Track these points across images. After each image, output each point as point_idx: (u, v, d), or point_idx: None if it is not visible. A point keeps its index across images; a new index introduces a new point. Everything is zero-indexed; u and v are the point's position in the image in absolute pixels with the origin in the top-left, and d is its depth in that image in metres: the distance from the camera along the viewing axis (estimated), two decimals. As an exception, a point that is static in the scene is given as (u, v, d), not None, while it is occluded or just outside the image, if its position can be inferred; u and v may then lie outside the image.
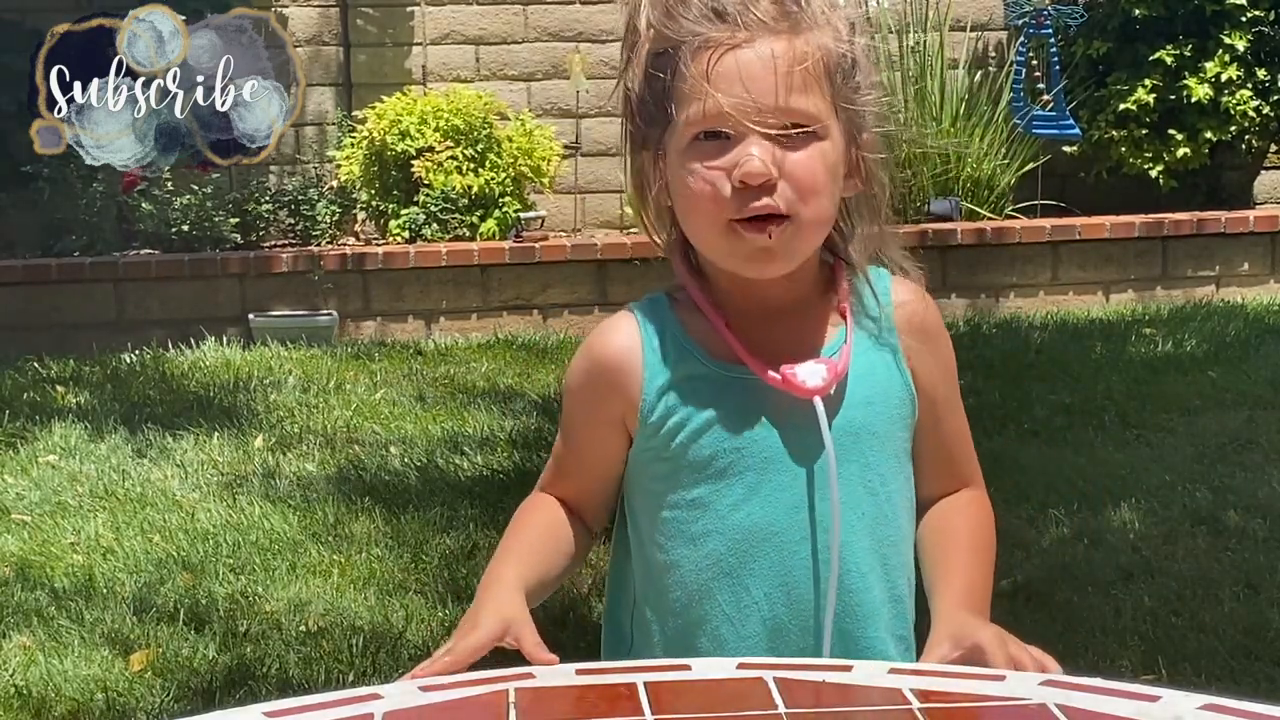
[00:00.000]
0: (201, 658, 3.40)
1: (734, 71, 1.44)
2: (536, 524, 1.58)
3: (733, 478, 1.51)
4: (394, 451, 4.87)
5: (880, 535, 1.54)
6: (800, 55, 1.45)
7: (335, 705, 1.26)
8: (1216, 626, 3.42)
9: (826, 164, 1.47)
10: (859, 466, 1.52)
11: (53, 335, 6.38)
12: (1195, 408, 5.13)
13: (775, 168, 1.44)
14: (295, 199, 7.02)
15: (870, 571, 1.53)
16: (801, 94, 1.45)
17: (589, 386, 1.57)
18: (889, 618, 1.55)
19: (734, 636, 1.53)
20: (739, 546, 1.52)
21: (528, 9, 7.65)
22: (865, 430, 1.52)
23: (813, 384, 1.49)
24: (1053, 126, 7.28)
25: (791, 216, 1.45)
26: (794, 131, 1.45)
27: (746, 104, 1.43)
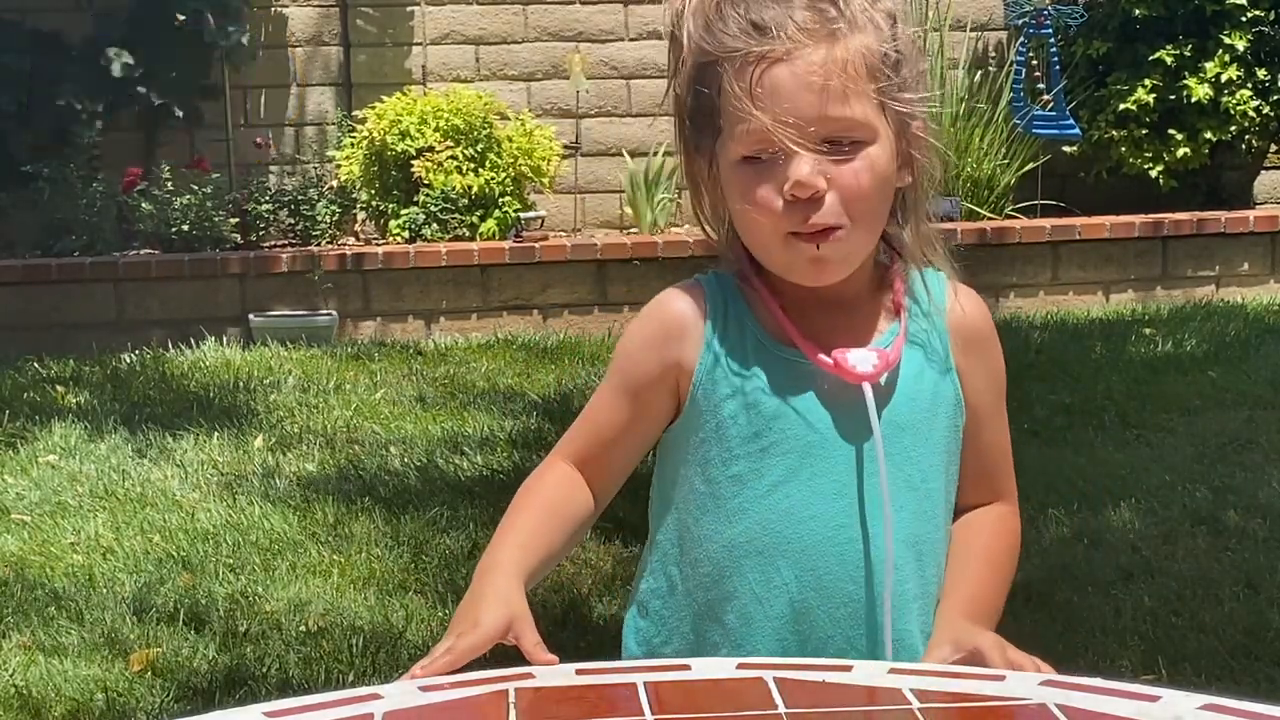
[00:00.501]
0: (201, 658, 3.40)
1: (775, 87, 1.44)
2: (542, 502, 1.56)
3: (774, 457, 1.52)
4: (394, 451, 4.87)
5: (918, 531, 1.54)
6: (841, 63, 1.44)
7: (335, 705, 1.26)
8: (1216, 626, 3.42)
9: (876, 169, 1.47)
10: (901, 460, 1.53)
11: (53, 335, 6.38)
12: (1195, 408, 5.13)
13: (824, 179, 1.45)
14: (295, 199, 7.02)
15: (905, 564, 1.53)
16: (843, 103, 1.45)
17: (650, 343, 1.56)
18: (919, 613, 1.55)
19: (761, 615, 1.53)
20: (774, 526, 1.52)
21: (528, 9, 7.65)
22: (910, 425, 1.53)
23: (863, 369, 1.50)
24: (1053, 126, 7.28)
25: (842, 227, 1.47)
26: (840, 143, 1.45)
27: (789, 122, 1.43)
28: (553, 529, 1.55)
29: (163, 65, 7.04)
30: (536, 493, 1.57)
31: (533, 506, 1.56)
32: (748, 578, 1.53)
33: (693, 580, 1.57)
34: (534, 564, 1.51)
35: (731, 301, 1.55)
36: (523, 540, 1.52)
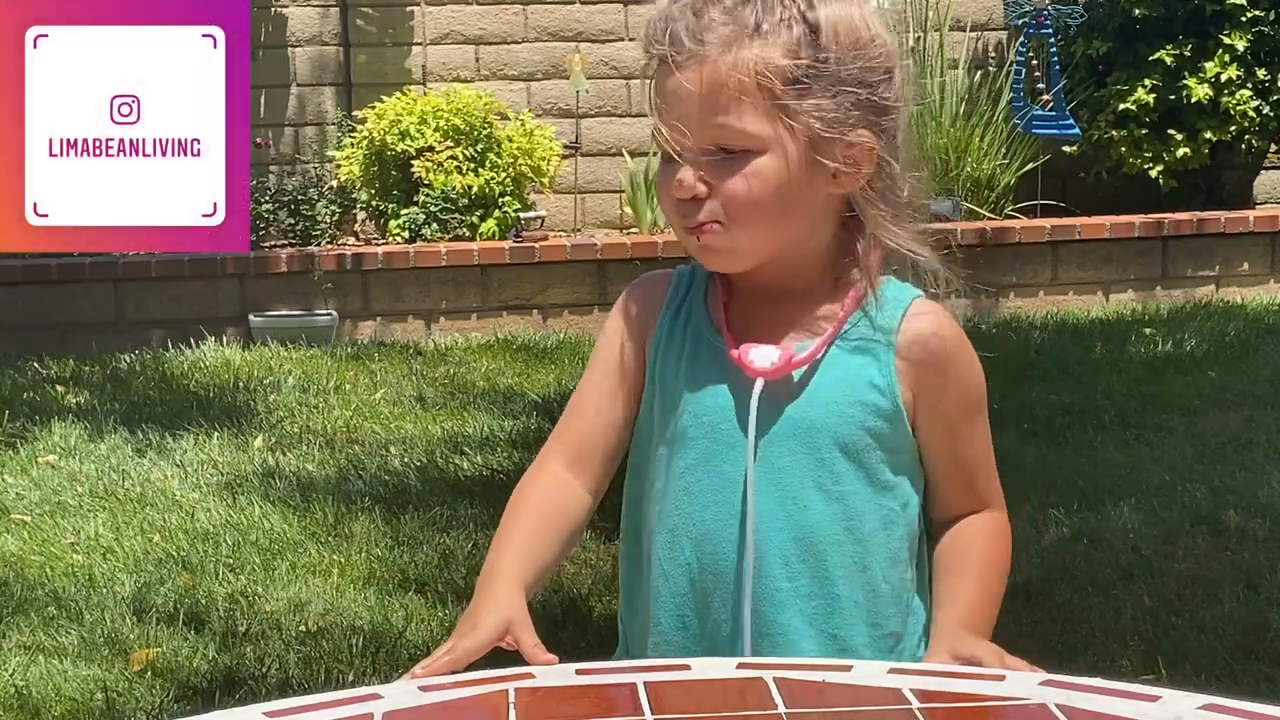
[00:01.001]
0: (201, 658, 3.40)
1: (667, 95, 1.50)
2: (537, 509, 1.58)
3: (690, 441, 1.56)
4: (394, 451, 4.87)
5: (823, 532, 1.55)
6: (724, 75, 1.47)
7: (335, 705, 1.26)
8: (1216, 626, 3.42)
9: (764, 178, 1.49)
10: (810, 461, 1.54)
11: (53, 335, 6.38)
12: (1195, 408, 5.13)
13: (703, 185, 1.50)
14: (295, 199, 7.02)
15: (798, 562, 1.55)
16: (725, 113, 1.48)
17: (624, 318, 1.62)
18: (814, 612, 1.56)
19: (666, 590, 1.58)
20: (683, 508, 1.57)
21: (528, 9, 7.65)
22: (824, 428, 1.54)
23: (759, 365, 1.53)
24: (1053, 126, 7.28)
25: (719, 222, 1.51)
26: (725, 151, 1.49)
27: (673, 127, 1.49)
28: (549, 538, 1.57)
29: (163, 65, 7.04)
30: (532, 500, 1.59)
31: (529, 515, 1.58)
32: (659, 554, 1.58)
33: (641, 560, 1.62)
34: (533, 573, 1.54)
35: (694, 290, 1.60)
36: (522, 549, 1.55)
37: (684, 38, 1.48)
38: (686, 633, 1.58)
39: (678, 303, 1.60)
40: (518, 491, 1.60)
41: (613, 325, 1.64)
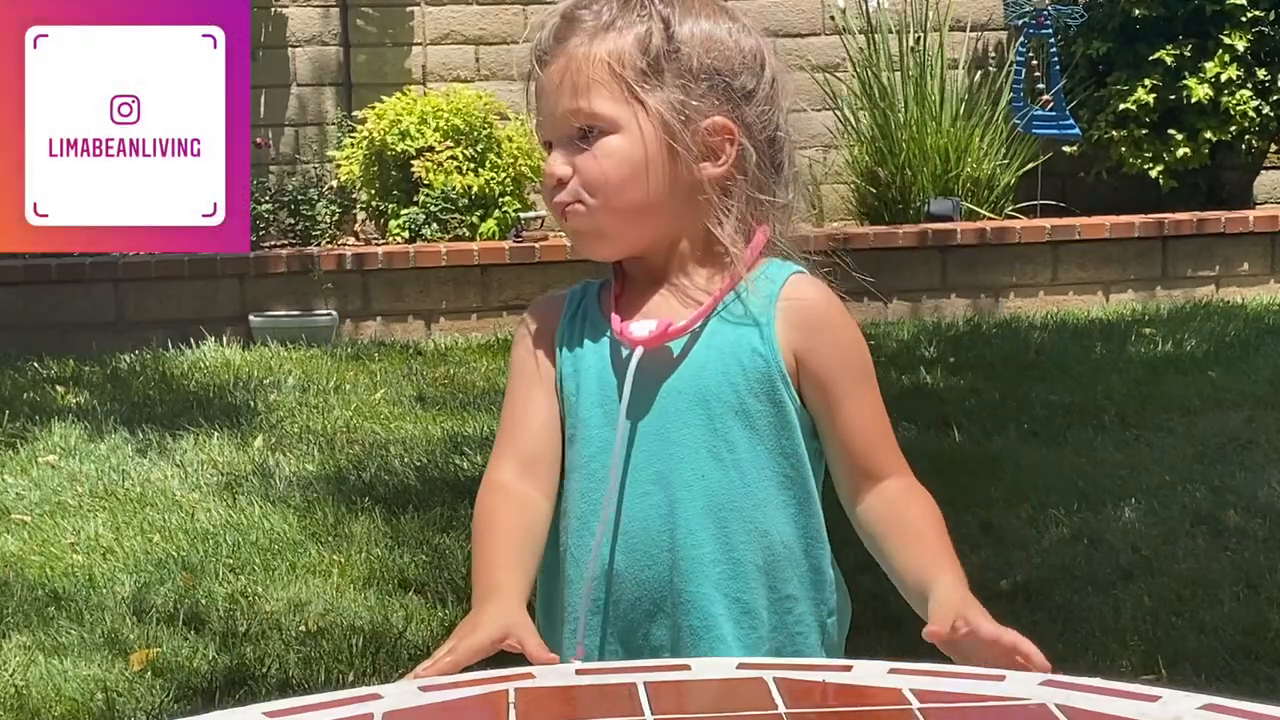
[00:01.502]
0: (201, 658, 3.40)
1: (537, 92, 1.64)
2: (512, 526, 1.61)
3: (592, 429, 1.62)
4: (394, 451, 4.87)
5: (722, 499, 1.60)
6: (576, 64, 1.59)
7: (335, 705, 1.26)
8: (1216, 626, 3.42)
9: (616, 156, 1.59)
10: (703, 431, 1.60)
11: (53, 335, 6.38)
12: (1195, 408, 5.13)
13: (567, 168, 1.61)
14: (295, 199, 7.02)
15: (701, 530, 1.59)
16: (575, 98, 1.59)
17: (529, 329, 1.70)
18: (720, 577, 1.60)
19: (578, 577, 1.62)
20: (589, 494, 1.62)
21: (528, 9, 7.65)
22: (713, 398, 1.60)
23: (637, 335, 1.60)
24: (1053, 126, 7.28)
25: (580, 202, 1.61)
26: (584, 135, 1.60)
27: (540, 120, 1.64)
28: (528, 552, 1.61)
29: (163, 65, 7.04)
30: (503, 518, 1.62)
31: (508, 533, 1.61)
32: (570, 542, 1.63)
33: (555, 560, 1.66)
34: (526, 587, 1.58)
35: (588, 297, 1.70)
36: (513, 565, 1.58)
37: (550, 39, 1.61)
38: (600, 615, 1.62)
39: (574, 310, 1.69)
40: (483, 510, 1.62)
41: (521, 341, 1.70)
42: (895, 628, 3.34)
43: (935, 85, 7.31)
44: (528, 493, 1.62)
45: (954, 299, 6.90)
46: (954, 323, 6.64)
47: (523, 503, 1.62)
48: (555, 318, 1.69)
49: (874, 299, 6.68)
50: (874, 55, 7.37)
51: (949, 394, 5.40)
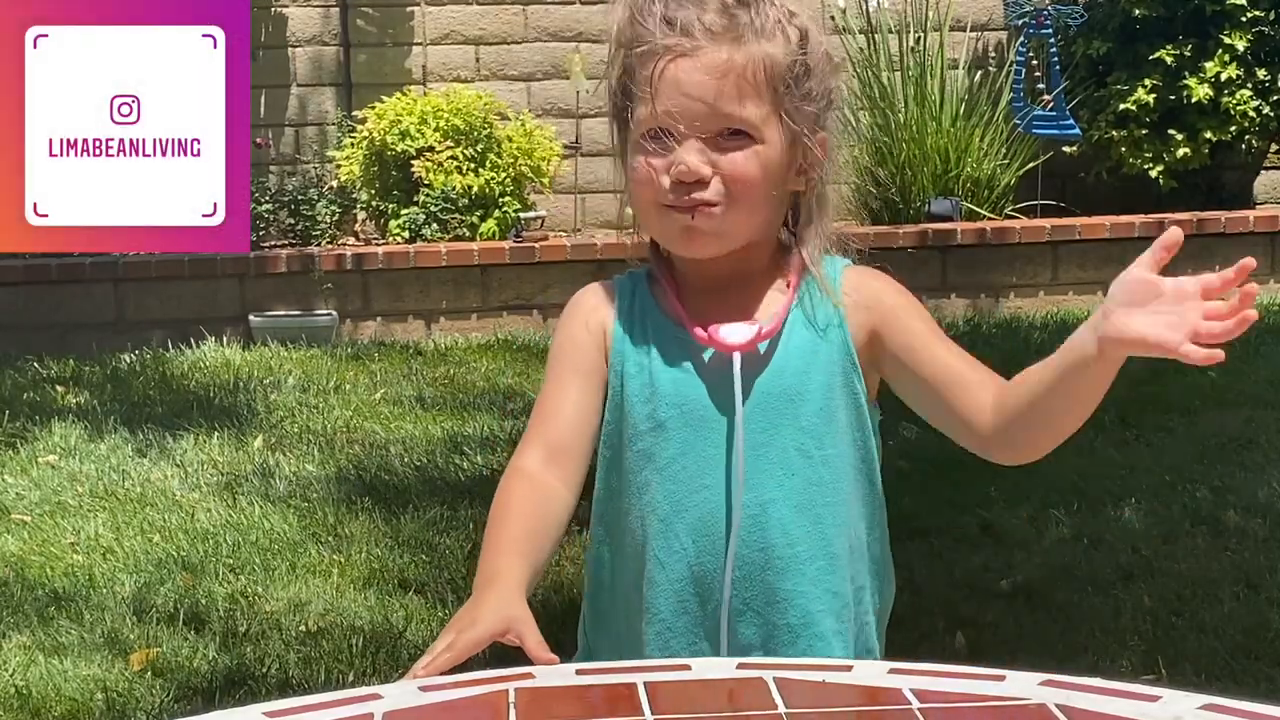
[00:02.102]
0: (201, 658, 3.40)
1: (675, 79, 1.57)
2: (524, 512, 1.60)
3: (671, 431, 1.62)
4: (394, 451, 4.87)
5: (812, 495, 1.62)
6: (738, 66, 1.57)
7: (335, 705, 1.26)
8: (1216, 626, 3.42)
9: (761, 165, 1.59)
10: (791, 430, 1.62)
11: (53, 335, 6.38)
12: (1195, 408, 5.13)
13: (708, 167, 1.58)
14: (295, 199, 7.02)
15: (795, 528, 1.62)
16: (736, 102, 1.57)
17: (578, 322, 1.68)
18: (819, 573, 1.62)
19: (663, 579, 1.62)
20: (673, 496, 1.62)
21: (528, 9, 7.65)
22: (799, 395, 1.62)
23: (733, 340, 1.61)
24: (1053, 126, 7.28)
25: (719, 204, 1.58)
26: (730, 136, 1.58)
27: (684, 111, 1.57)
28: (539, 540, 1.59)
29: (163, 65, 7.04)
30: (517, 503, 1.61)
31: (518, 518, 1.59)
32: (653, 544, 1.63)
33: (619, 557, 1.67)
34: (529, 574, 1.55)
35: (639, 291, 1.68)
36: (516, 551, 1.56)
37: (695, 29, 1.56)
38: (688, 617, 1.62)
39: (628, 304, 1.67)
40: (501, 495, 1.61)
41: (569, 328, 1.69)
42: (895, 627, 3.34)
43: (935, 85, 7.31)
44: (549, 482, 1.61)
45: (954, 299, 6.90)
46: (954, 323, 6.64)
47: (542, 491, 1.61)
48: (606, 311, 1.67)
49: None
50: (874, 55, 7.37)
51: (949, 394, 5.40)
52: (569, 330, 1.68)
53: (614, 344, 1.65)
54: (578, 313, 1.69)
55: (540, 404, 1.67)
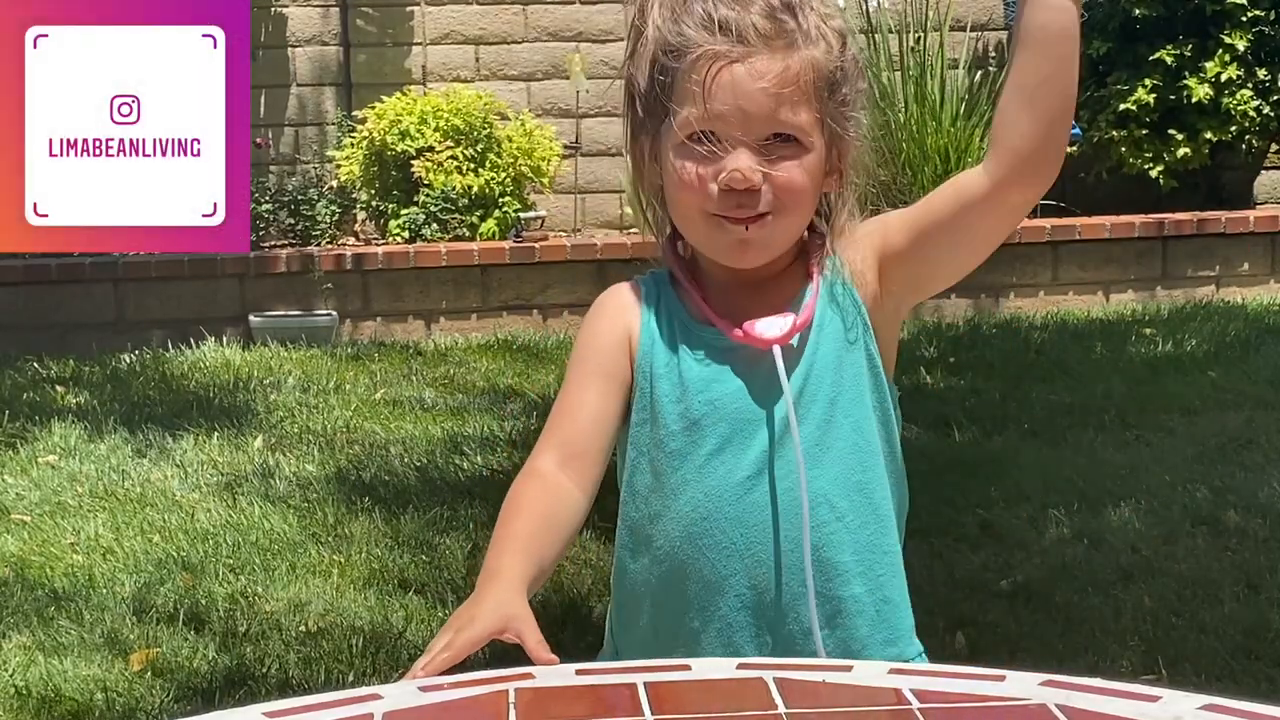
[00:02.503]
0: (201, 658, 3.40)
1: (730, 84, 1.55)
2: (534, 511, 1.59)
3: (706, 429, 1.62)
4: (394, 451, 4.87)
5: (857, 475, 1.63)
6: (792, 74, 1.56)
7: (335, 705, 1.26)
8: (1216, 626, 3.42)
9: (809, 172, 1.59)
10: (836, 412, 1.62)
11: (53, 335, 6.38)
12: (1195, 408, 5.13)
13: (759, 175, 1.56)
14: (295, 199, 7.02)
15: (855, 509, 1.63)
16: (790, 109, 1.56)
17: (604, 322, 1.68)
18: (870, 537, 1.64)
19: (716, 577, 1.62)
20: (715, 492, 1.61)
21: (528, 9, 7.65)
22: (836, 382, 1.63)
23: (770, 335, 1.60)
24: (1053, 126, 7.26)
25: (771, 214, 1.58)
26: (779, 143, 1.57)
27: (737, 117, 1.55)
28: (548, 539, 1.57)
29: (163, 65, 7.04)
30: (528, 502, 1.59)
31: (527, 516, 1.58)
32: (699, 544, 1.62)
33: (648, 557, 1.65)
34: (533, 573, 1.53)
35: (663, 293, 1.67)
36: (521, 549, 1.54)
37: (750, 34, 1.55)
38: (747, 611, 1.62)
39: (654, 305, 1.66)
40: (513, 494, 1.60)
41: (593, 329, 1.68)
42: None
43: (935, 85, 7.31)
44: (562, 483, 1.60)
45: (954, 299, 6.90)
46: (954, 323, 6.64)
47: (554, 492, 1.60)
48: (633, 313, 1.66)
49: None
50: (874, 55, 7.37)
51: (949, 394, 5.40)
52: (593, 330, 1.68)
53: (641, 346, 1.64)
54: (603, 313, 1.68)
55: (559, 405, 1.66)
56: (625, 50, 1.66)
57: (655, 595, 1.66)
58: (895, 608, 1.66)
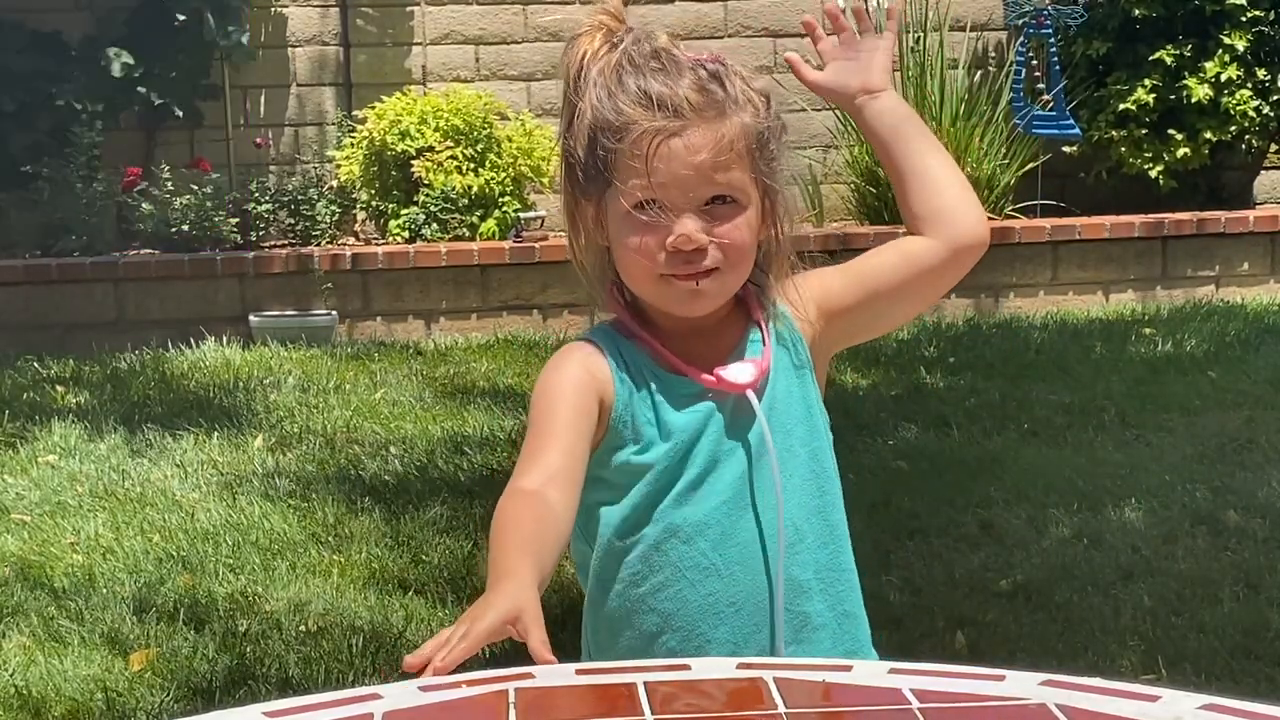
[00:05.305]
0: (201, 658, 3.40)
1: (669, 156, 1.65)
2: (532, 516, 1.60)
3: (685, 467, 1.70)
4: (394, 451, 4.87)
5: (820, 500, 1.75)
6: (726, 140, 1.66)
7: (335, 705, 1.26)
8: (1216, 626, 3.42)
9: (750, 227, 1.69)
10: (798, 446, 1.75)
11: (53, 335, 6.38)
12: (1195, 408, 5.13)
13: (705, 235, 1.66)
14: (295, 199, 7.02)
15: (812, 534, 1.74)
16: (725, 172, 1.67)
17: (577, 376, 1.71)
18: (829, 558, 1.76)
19: (693, 594, 1.71)
20: (691, 518, 1.71)
21: (527, 9, 7.65)
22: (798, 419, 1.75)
23: (743, 380, 1.71)
24: (1053, 126, 7.28)
25: (719, 269, 1.68)
26: (719, 204, 1.67)
27: (678, 185, 1.65)
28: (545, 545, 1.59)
29: (163, 65, 7.04)
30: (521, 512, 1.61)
31: (527, 522, 1.59)
32: (677, 565, 1.71)
33: (624, 584, 1.76)
34: (539, 576, 1.54)
35: (621, 346, 1.74)
36: (530, 550, 1.55)
37: (684, 108, 1.65)
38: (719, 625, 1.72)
39: (618, 358, 1.73)
40: (501, 510, 1.61)
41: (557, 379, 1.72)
42: (895, 628, 3.35)
43: (935, 85, 7.31)
44: (549, 497, 1.62)
45: (954, 299, 6.90)
46: (954, 323, 6.64)
47: (544, 505, 1.62)
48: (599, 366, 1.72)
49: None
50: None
51: (949, 394, 5.40)
52: (558, 379, 1.72)
53: (619, 398, 1.70)
54: (567, 364, 1.73)
55: (539, 439, 1.70)
56: (560, 123, 1.75)
57: (632, 620, 1.75)
58: (855, 621, 1.79)
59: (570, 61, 1.71)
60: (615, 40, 1.70)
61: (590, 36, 1.71)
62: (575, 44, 1.72)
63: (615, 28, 1.72)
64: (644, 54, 1.68)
